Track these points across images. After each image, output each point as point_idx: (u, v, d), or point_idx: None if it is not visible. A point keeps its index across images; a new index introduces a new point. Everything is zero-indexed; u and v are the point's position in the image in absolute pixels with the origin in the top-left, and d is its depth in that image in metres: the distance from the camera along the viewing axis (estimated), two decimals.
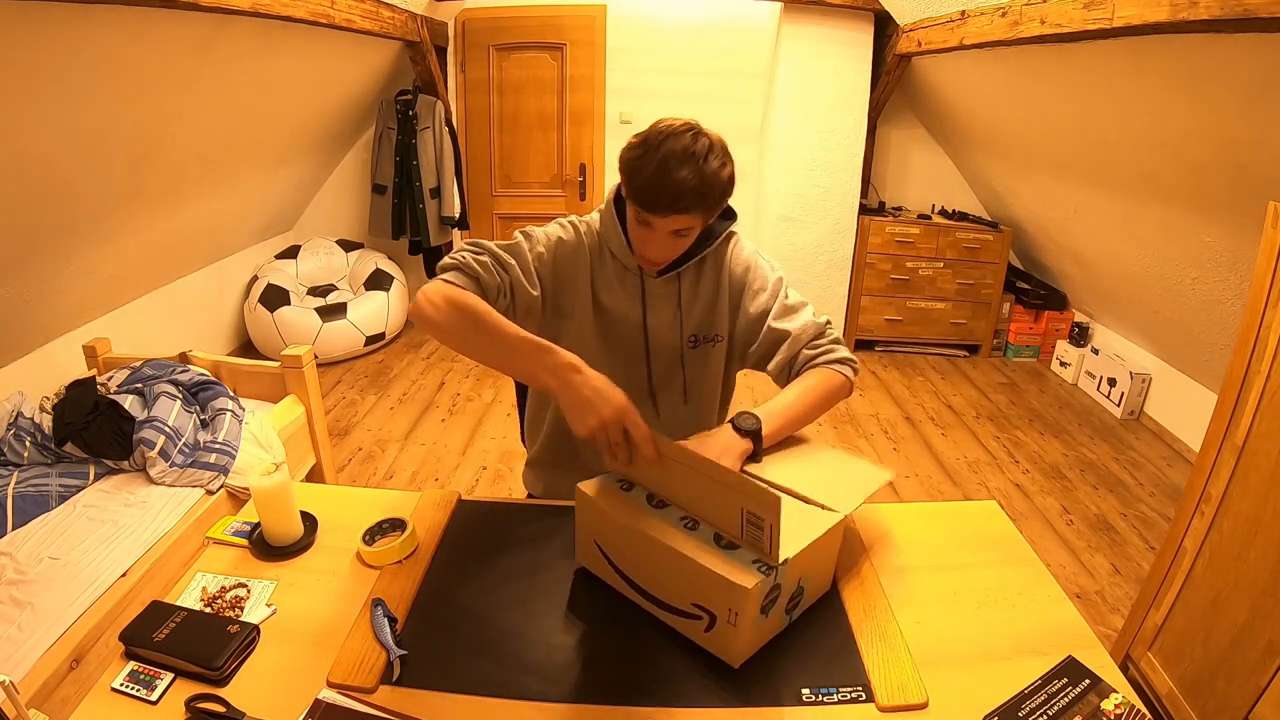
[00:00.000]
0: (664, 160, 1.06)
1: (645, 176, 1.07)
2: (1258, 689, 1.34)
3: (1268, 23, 1.42)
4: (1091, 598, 2.24)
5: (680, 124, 1.10)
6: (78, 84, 1.85)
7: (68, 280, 2.47)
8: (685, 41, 4.01)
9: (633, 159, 1.09)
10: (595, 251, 1.26)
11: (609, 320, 1.27)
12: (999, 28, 2.42)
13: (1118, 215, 2.87)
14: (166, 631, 0.91)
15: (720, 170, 1.10)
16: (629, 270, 1.25)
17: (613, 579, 1.02)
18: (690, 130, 1.09)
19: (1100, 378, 3.64)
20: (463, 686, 0.88)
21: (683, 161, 1.06)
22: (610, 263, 1.25)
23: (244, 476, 2.06)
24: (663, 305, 1.27)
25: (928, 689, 0.87)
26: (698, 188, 1.07)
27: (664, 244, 1.15)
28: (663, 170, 1.06)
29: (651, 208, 1.09)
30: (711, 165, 1.08)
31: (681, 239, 1.15)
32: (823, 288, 4.13)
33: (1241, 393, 1.48)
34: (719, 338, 1.31)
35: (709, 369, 1.32)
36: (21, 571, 1.61)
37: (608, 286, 1.26)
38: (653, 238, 1.14)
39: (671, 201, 1.07)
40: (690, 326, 1.29)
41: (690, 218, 1.11)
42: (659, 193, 1.07)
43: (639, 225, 1.15)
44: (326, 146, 3.98)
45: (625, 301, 1.26)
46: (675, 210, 1.08)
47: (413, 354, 4.02)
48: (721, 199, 1.13)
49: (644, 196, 1.09)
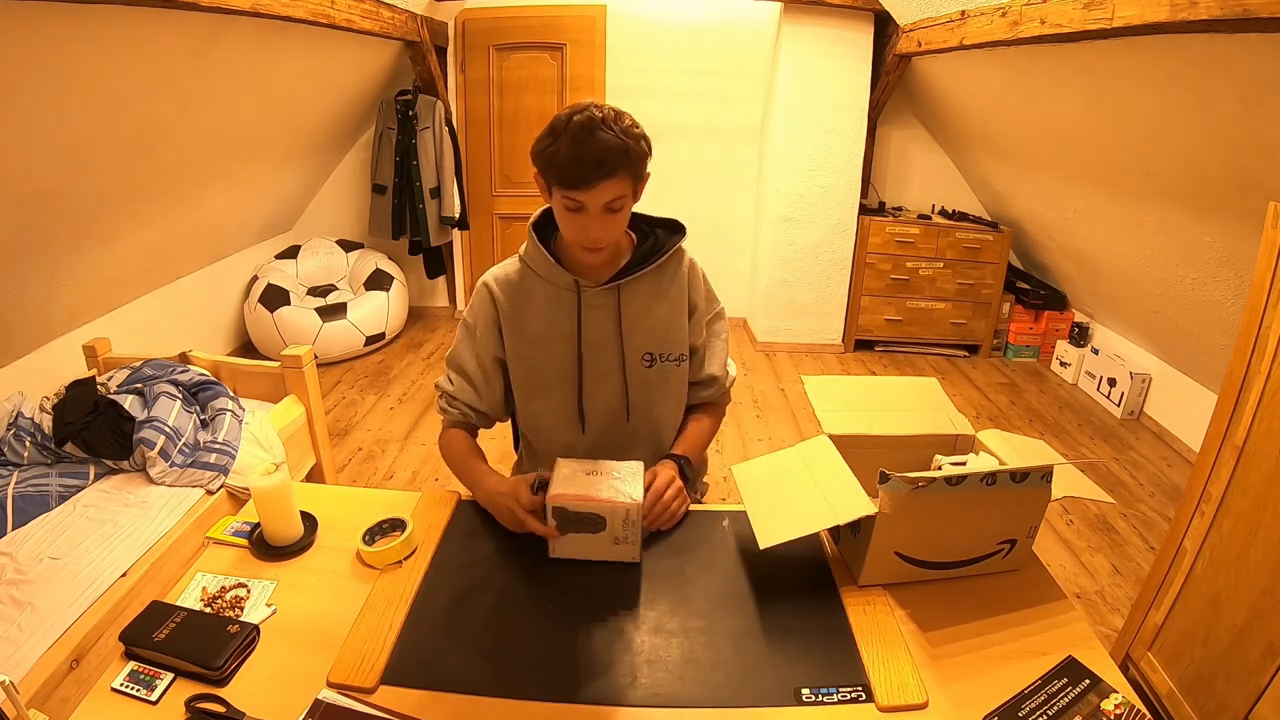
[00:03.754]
0: (576, 133, 1.06)
1: (564, 154, 1.06)
2: (1258, 689, 1.34)
3: (1268, 23, 1.42)
4: (1091, 598, 2.24)
5: (579, 104, 1.10)
6: (78, 83, 1.85)
7: (68, 280, 2.47)
8: (685, 41, 4.01)
9: (545, 148, 1.09)
10: (514, 290, 1.27)
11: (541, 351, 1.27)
12: (999, 28, 2.42)
13: (1118, 215, 2.87)
14: (166, 631, 0.91)
15: (633, 129, 1.10)
16: (562, 288, 1.25)
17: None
18: (590, 105, 1.10)
19: (1100, 378, 3.64)
20: (463, 686, 0.88)
21: (595, 128, 1.06)
22: (540, 290, 1.25)
23: (244, 476, 2.06)
24: (601, 318, 1.25)
25: (928, 689, 0.87)
26: (618, 145, 1.06)
27: (600, 223, 1.12)
28: (578, 141, 1.05)
29: (578, 182, 1.07)
30: (624, 124, 1.08)
31: (616, 214, 1.12)
32: (823, 288, 4.13)
33: (1241, 393, 1.48)
34: (682, 357, 1.30)
35: (672, 388, 1.32)
36: (21, 571, 1.61)
37: (537, 317, 1.26)
38: (588, 220, 1.11)
39: (597, 166, 1.06)
40: (642, 345, 1.27)
41: (618, 182, 1.09)
42: (582, 162, 1.06)
43: (570, 213, 1.12)
44: (326, 146, 3.98)
45: (563, 322, 1.26)
46: (602, 175, 1.06)
47: (413, 354, 4.03)
48: (642, 158, 1.11)
49: (568, 174, 1.07)
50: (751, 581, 1.07)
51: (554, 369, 1.28)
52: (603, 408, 1.31)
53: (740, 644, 0.95)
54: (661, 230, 1.30)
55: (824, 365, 4.09)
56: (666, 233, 1.30)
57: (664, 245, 1.27)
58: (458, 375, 1.34)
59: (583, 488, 1.08)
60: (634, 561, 1.09)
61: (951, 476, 0.97)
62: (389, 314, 3.98)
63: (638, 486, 1.08)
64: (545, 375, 1.29)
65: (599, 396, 1.30)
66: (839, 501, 1.01)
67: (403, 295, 4.14)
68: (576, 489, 1.08)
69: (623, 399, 1.30)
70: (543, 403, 1.32)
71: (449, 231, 4.15)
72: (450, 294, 4.64)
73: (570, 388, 1.29)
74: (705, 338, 1.34)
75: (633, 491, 1.07)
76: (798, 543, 0.99)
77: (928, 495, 0.98)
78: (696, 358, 1.34)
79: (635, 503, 1.05)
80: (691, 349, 1.32)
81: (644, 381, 1.29)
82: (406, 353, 4.04)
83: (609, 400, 1.30)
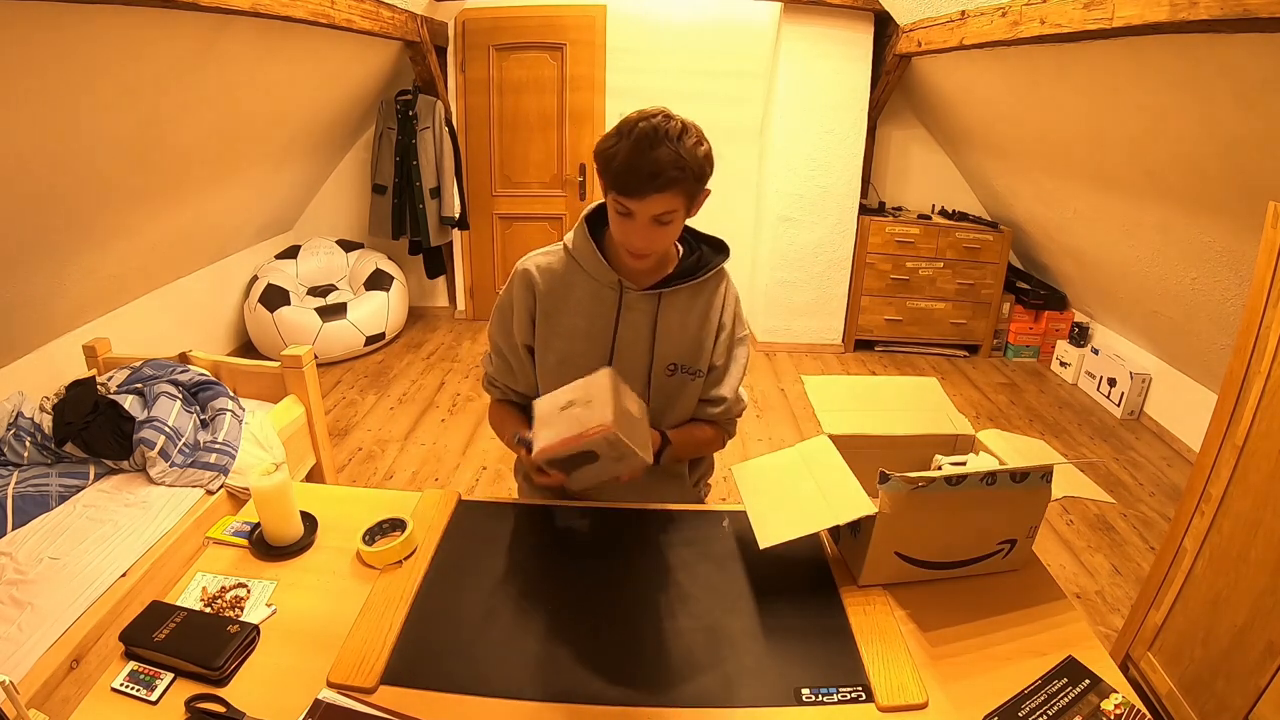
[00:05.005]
0: (638, 141, 1.05)
1: (621, 160, 1.06)
2: (1258, 689, 1.34)
3: (1268, 23, 1.42)
4: (1091, 598, 2.24)
5: (652, 110, 1.10)
6: (78, 84, 1.85)
7: (68, 280, 2.47)
8: (685, 41, 4.01)
9: (607, 148, 1.09)
10: (555, 280, 1.26)
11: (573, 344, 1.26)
12: (999, 28, 2.42)
13: (1118, 215, 2.87)
14: (166, 631, 0.91)
15: (696, 147, 1.09)
16: (605, 286, 1.24)
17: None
18: (661, 114, 1.09)
19: (1100, 378, 3.64)
20: (463, 686, 0.88)
21: (657, 141, 1.05)
22: (582, 284, 1.25)
23: (244, 476, 2.05)
24: (638, 320, 1.25)
25: (928, 689, 0.87)
26: (675, 162, 1.05)
27: (647, 232, 1.12)
28: (637, 151, 1.05)
29: (630, 190, 1.07)
30: (687, 142, 1.07)
31: (664, 227, 1.12)
32: (823, 288, 4.13)
33: (1241, 393, 1.48)
34: (700, 372, 1.31)
35: (683, 399, 1.32)
36: (21, 571, 1.61)
37: (576, 309, 1.25)
38: (635, 227, 1.12)
39: (650, 179, 1.05)
40: (670, 354, 1.27)
41: (671, 197, 1.08)
42: (637, 172, 1.06)
43: (620, 217, 1.13)
44: (326, 146, 3.98)
45: (600, 319, 1.25)
46: (655, 188, 1.06)
47: (413, 354, 4.03)
48: (700, 177, 1.11)
49: (621, 181, 1.08)
50: (751, 581, 1.07)
51: (582, 364, 1.27)
52: None
53: (740, 644, 0.95)
54: (707, 247, 1.31)
55: (824, 365, 4.09)
56: (712, 250, 1.31)
57: (708, 262, 1.28)
58: (497, 356, 1.36)
59: (559, 430, 1.04)
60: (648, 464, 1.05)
61: (951, 476, 0.97)
62: (389, 314, 3.98)
63: (606, 406, 1.01)
64: (573, 367, 1.27)
65: None
66: (839, 501, 1.01)
67: (403, 295, 4.14)
68: (554, 434, 1.04)
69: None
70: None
71: (449, 231, 4.15)
72: (450, 294, 4.64)
73: None
74: (726, 360, 1.34)
75: (602, 415, 1.00)
76: (798, 543, 0.99)
77: (928, 495, 0.98)
78: (713, 375, 1.34)
79: (607, 424, 0.98)
80: (710, 367, 1.33)
81: (662, 388, 1.30)
82: (406, 353, 4.04)
83: None
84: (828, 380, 1.28)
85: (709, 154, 1.12)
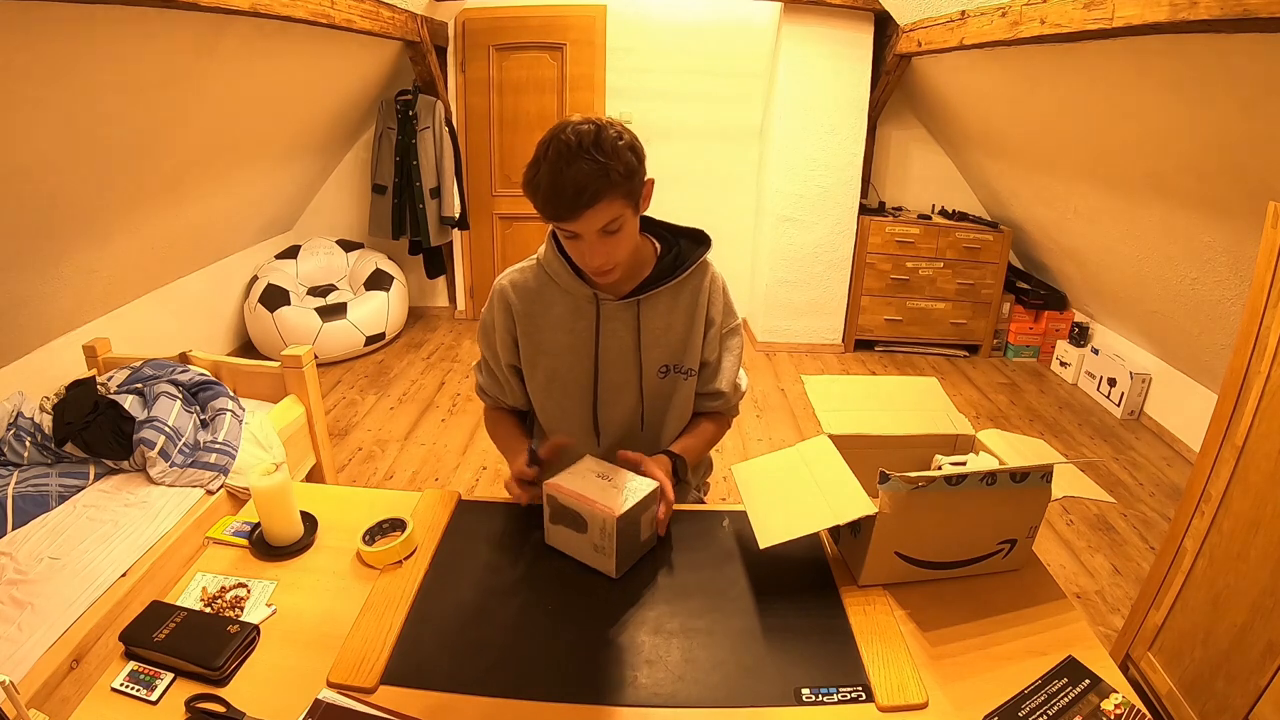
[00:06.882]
0: (554, 163, 1.00)
1: (545, 186, 1.01)
2: (1258, 689, 1.34)
3: (1268, 23, 1.42)
4: (1091, 598, 2.24)
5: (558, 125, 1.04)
6: (78, 84, 1.85)
7: (68, 280, 2.47)
8: (685, 41, 4.01)
9: (530, 179, 1.04)
10: (531, 298, 1.24)
11: (558, 360, 1.26)
12: (999, 28, 2.42)
13: (1118, 215, 2.87)
14: (166, 631, 0.91)
15: (616, 141, 1.02)
16: (582, 300, 1.22)
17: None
18: (569, 126, 1.02)
19: (1100, 378, 3.64)
20: (463, 686, 0.88)
21: (573, 156, 0.99)
22: (559, 300, 1.23)
23: (244, 476, 2.05)
24: (619, 330, 1.23)
25: (928, 689, 0.87)
26: (596, 171, 0.99)
27: (600, 247, 1.07)
28: (556, 172, 1.00)
29: (563, 214, 1.03)
30: (604, 145, 1.01)
31: (615, 235, 1.07)
32: (823, 288, 4.13)
33: (1241, 393, 1.48)
34: (692, 371, 1.29)
35: (680, 398, 1.31)
36: (21, 571, 1.61)
37: (555, 325, 1.24)
38: (586, 246, 1.08)
39: (577, 196, 1.00)
40: (660, 357, 1.26)
41: (607, 206, 1.03)
42: (562, 194, 1.00)
43: (569, 240, 1.09)
44: (326, 146, 3.98)
45: (581, 333, 1.24)
46: (586, 204, 1.01)
47: (413, 354, 4.03)
48: (630, 174, 1.04)
49: (552, 207, 1.03)
50: (751, 581, 1.07)
51: (570, 379, 1.27)
52: (618, 419, 1.30)
53: (740, 644, 0.95)
54: (686, 241, 1.27)
55: (824, 365, 4.09)
56: (691, 244, 1.26)
57: (687, 258, 1.24)
58: (486, 369, 1.36)
59: (580, 485, 1.07)
60: (610, 576, 1.05)
61: (951, 476, 0.97)
62: (389, 314, 3.98)
63: (629, 502, 1.03)
64: (562, 383, 1.28)
65: (615, 408, 1.29)
66: (839, 501, 1.01)
67: (403, 295, 4.14)
68: (574, 483, 1.07)
69: (637, 410, 1.30)
70: (558, 409, 1.31)
71: (449, 231, 4.15)
72: (450, 294, 4.64)
73: (586, 399, 1.29)
74: (719, 353, 1.32)
75: (617, 504, 1.02)
76: (798, 543, 0.99)
77: (928, 495, 0.98)
78: (708, 370, 1.32)
79: (612, 513, 1.01)
80: (703, 363, 1.31)
81: (657, 391, 1.29)
82: (406, 353, 4.04)
83: (624, 412, 1.30)
84: (828, 380, 1.28)
85: (632, 144, 1.06)
